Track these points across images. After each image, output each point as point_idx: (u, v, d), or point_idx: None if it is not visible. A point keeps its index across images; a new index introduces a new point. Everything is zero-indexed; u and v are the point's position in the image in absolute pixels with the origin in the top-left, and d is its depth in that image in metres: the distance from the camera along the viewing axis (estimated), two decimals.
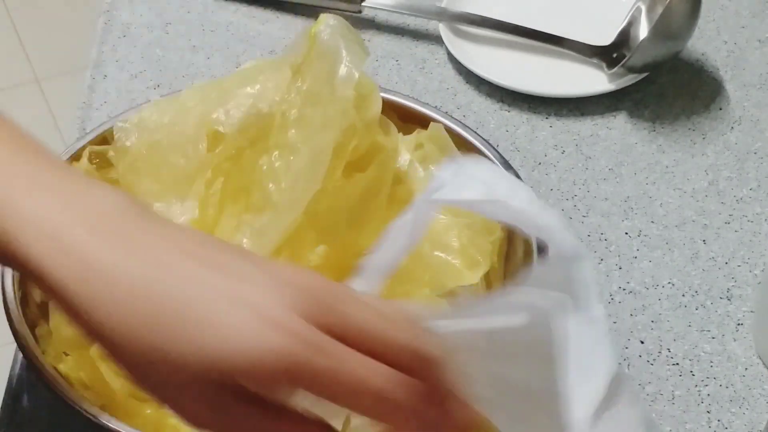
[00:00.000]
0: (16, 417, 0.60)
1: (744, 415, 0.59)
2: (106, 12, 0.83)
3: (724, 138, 0.73)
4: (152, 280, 0.39)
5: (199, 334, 0.38)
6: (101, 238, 0.40)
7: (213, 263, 0.40)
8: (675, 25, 0.73)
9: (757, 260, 0.66)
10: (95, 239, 0.40)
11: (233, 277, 0.39)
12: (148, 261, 0.40)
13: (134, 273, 0.39)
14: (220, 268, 0.40)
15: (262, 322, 0.38)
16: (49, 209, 0.41)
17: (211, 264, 0.40)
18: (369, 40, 0.80)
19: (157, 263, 0.40)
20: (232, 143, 0.62)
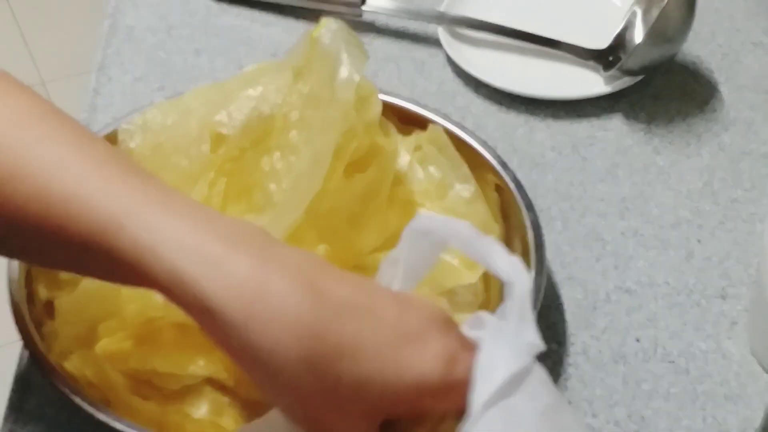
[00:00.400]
0: (22, 414, 0.60)
1: (739, 413, 0.59)
2: (111, 15, 0.84)
3: (719, 139, 0.73)
4: (325, 317, 0.39)
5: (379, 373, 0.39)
6: (267, 266, 0.40)
7: (367, 292, 0.41)
8: (670, 29, 0.74)
9: (751, 260, 0.66)
10: (258, 264, 0.40)
11: (393, 310, 0.41)
12: (319, 296, 0.40)
13: (305, 305, 0.39)
14: (374, 297, 0.41)
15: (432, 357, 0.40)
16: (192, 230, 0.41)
17: (366, 293, 0.41)
18: (369, 44, 0.80)
19: (329, 300, 0.40)
20: (235, 145, 0.62)
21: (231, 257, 0.40)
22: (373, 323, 0.40)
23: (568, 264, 0.66)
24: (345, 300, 0.40)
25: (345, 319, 0.39)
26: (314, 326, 0.39)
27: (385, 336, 0.39)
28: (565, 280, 0.65)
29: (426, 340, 0.40)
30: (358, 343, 0.39)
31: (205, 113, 0.64)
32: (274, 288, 0.39)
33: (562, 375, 0.60)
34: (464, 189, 0.64)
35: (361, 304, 0.40)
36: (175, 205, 0.42)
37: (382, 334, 0.39)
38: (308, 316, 0.39)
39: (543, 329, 0.62)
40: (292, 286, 0.39)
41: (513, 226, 0.63)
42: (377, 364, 0.39)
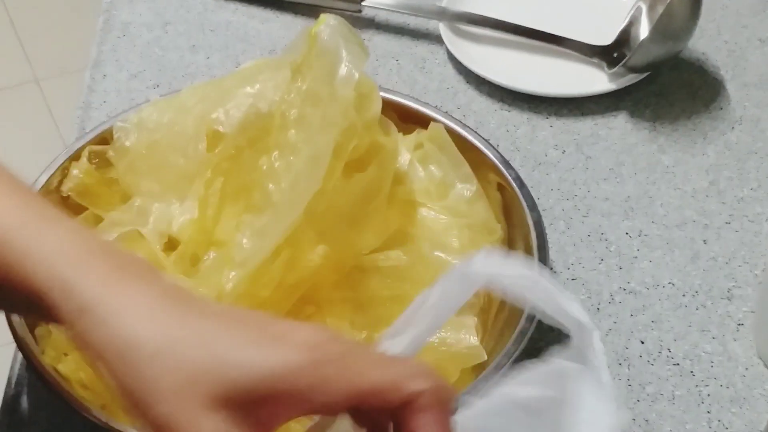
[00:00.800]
0: (16, 417, 0.59)
1: (744, 415, 0.58)
2: (106, 12, 0.83)
3: (725, 138, 0.73)
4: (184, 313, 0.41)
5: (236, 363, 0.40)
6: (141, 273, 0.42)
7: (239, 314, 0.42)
8: (676, 25, 0.73)
9: (758, 260, 0.66)
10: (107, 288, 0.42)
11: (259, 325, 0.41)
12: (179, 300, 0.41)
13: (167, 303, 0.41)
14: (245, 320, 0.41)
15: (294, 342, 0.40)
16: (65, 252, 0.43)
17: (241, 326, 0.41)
18: (369, 40, 0.80)
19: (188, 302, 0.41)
20: (232, 143, 0.62)
21: (109, 268, 0.42)
22: (236, 324, 0.41)
23: (571, 264, 0.66)
24: (214, 308, 0.42)
25: (210, 317, 0.41)
26: (176, 323, 0.41)
27: (248, 333, 0.40)
28: (568, 281, 0.65)
29: (291, 335, 0.40)
30: (219, 336, 0.40)
31: (201, 111, 0.64)
32: (146, 293, 0.42)
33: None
34: (466, 188, 0.64)
35: (228, 313, 0.42)
36: (66, 223, 0.45)
37: (245, 332, 0.40)
38: (173, 315, 0.41)
39: (546, 331, 0.62)
40: (163, 293, 0.42)
41: (515, 226, 0.63)
42: (237, 354, 0.40)
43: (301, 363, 0.39)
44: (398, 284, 0.60)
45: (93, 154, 0.65)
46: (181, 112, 0.64)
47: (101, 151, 0.65)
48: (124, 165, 0.64)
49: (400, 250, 0.61)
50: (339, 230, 0.59)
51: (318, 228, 0.58)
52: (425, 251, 0.62)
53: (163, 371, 0.40)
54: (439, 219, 0.64)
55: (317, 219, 0.57)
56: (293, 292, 0.58)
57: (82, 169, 0.64)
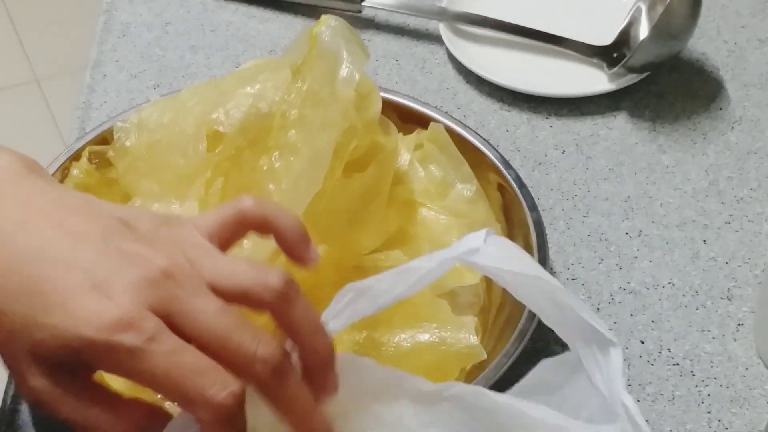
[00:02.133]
0: (16, 417, 0.59)
1: (744, 416, 0.58)
2: (106, 12, 0.83)
3: (725, 138, 0.73)
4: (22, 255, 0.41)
5: (53, 315, 0.40)
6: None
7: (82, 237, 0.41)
8: (675, 25, 0.73)
9: (758, 260, 0.66)
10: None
11: (97, 262, 0.41)
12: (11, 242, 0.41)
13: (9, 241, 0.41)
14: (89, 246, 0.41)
15: (99, 316, 0.40)
16: None
17: (80, 238, 0.41)
18: (369, 40, 0.80)
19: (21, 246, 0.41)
20: (232, 143, 0.62)
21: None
22: (54, 274, 0.41)
23: (571, 264, 0.66)
24: (37, 247, 0.41)
25: (32, 266, 0.41)
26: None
27: (63, 285, 0.40)
28: (568, 281, 0.65)
29: (108, 294, 0.40)
30: (36, 289, 0.40)
31: (201, 111, 0.64)
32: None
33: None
34: (466, 188, 0.64)
35: (55, 252, 0.41)
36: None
37: (57, 284, 0.40)
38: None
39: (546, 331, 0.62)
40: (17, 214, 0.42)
41: (515, 226, 0.63)
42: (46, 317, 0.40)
43: (95, 343, 0.40)
44: None
45: (93, 154, 0.65)
46: (182, 112, 0.64)
47: (101, 151, 0.65)
48: (125, 165, 0.64)
49: (400, 250, 0.61)
50: (339, 230, 0.59)
51: (318, 228, 0.58)
52: (425, 251, 0.62)
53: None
54: (439, 219, 0.64)
55: (317, 219, 0.57)
56: None
57: (82, 169, 0.64)
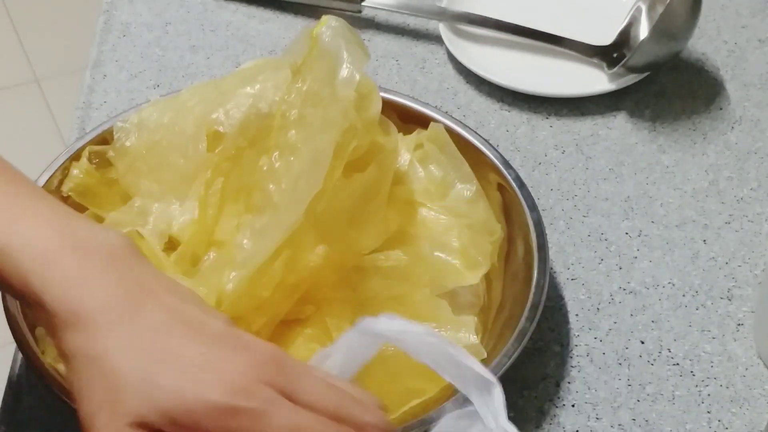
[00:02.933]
0: (16, 417, 0.59)
1: (744, 416, 0.58)
2: (106, 12, 0.83)
3: (725, 138, 0.73)
4: (136, 332, 0.42)
5: (175, 378, 0.41)
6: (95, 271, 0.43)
7: (191, 322, 0.43)
8: (675, 25, 0.73)
9: (758, 260, 0.66)
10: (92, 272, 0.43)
11: (208, 344, 0.42)
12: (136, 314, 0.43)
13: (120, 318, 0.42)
14: (198, 331, 0.43)
15: (222, 382, 0.41)
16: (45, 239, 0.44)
17: (189, 323, 0.43)
18: (369, 40, 0.80)
19: (145, 318, 0.43)
20: (232, 143, 0.62)
21: (74, 266, 0.44)
22: (177, 347, 0.42)
23: (571, 264, 0.66)
24: (160, 321, 0.43)
25: (150, 337, 0.42)
26: (120, 333, 0.42)
27: (181, 361, 0.42)
28: (568, 281, 0.65)
29: (221, 371, 0.42)
30: (151, 361, 0.42)
31: (201, 111, 0.64)
32: (105, 297, 0.43)
33: (565, 378, 0.60)
34: (466, 188, 0.64)
35: (173, 329, 0.43)
36: (41, 211, 0.46)
37: (178, 359, 0.42)
38: (118, 326, 0.42)
39: (546, 331, 0.62)
40: (123, 298, 0.43)
41: (515, 226, 0.63)
42: (155, 386, 0.41)
43: (218, 406, 0.41)
44: (398, 284, 0.60)
45: (93, 154, 0.65)
46: (182, 112, 0.64)
47: (101, 151, 0.65)
48: (125, 165, 0.64)
49: (400, 250, 0.61)
50: (339, 230, 0.59)
51: (318, 228, 0.58)
52: (425, 251, 0.62)
53: (93, 379, 0.42)
54: (439, 219, 0.64)
55: (317, 219, 0.57)
56: (293, 292, 0.58)
57: (82, 169, 0.64)
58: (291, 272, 0.57)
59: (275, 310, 0.58)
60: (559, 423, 0.58)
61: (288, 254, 0.57)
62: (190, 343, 0.42)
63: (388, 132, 0.64)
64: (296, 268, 0.58)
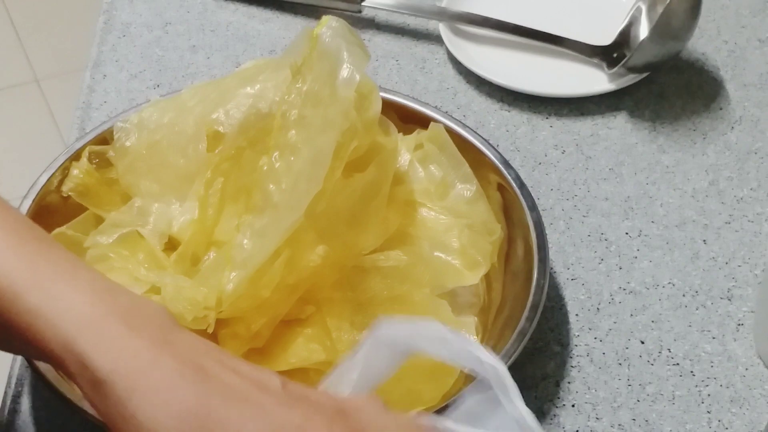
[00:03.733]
0: (16, 417, 0.59)
1: (744, 416, 0.58)
2: (106, 12, 0.83)
3: (725, 138, 0.73)
4: (208, 401, 0.41)
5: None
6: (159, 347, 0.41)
7: (258, 384, 0.42)
8: (675, 25, 0.73)
9: (758, 260, 0.66)
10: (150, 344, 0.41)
11: (282, 405, 0.42)
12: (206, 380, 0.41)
13: (190, 388, 0.41)
14: (266, 392, 0.42)
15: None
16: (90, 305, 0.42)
17: (256, 386, 0.42)
18: (369, 40, 0.80)
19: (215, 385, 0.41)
20: (232, 143, 0.62)
21: (124, 334, 0.42)
22: (256, 414, 0.41)
23: (571, 264, 0.66)
24: (232, 388, 0.42)
25: (229, 406, 0.41)
26: (196, 408, 0.41)
27: (263, 429, 0.41)
28: (568, 281, 0.65)
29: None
30: (236, 425, 0.41)
31: (202, 111, 0.64)
32: (163, 366, 0.41)
33: (565, 378, 0.60)
34: (466, 188, 0.64)
35: (247, 394, 0.42)
36: (80, 277, 0.44)
37: (259, 427, 0.41)
38: (192, 398, 0.41)
39: (546, 331, 0.62)
40: (181, 367, 0.41)
41: (515, 226, 0.63)
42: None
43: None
44: (398, 284, 0.60)
45: (93, 154, 0.65)
46: (182, 112, 0.64)
47: (101, 151, 0.65)
48: (125, 165, 0.64)
49: (400, 250, 0.61)
50: (339, 230, 0.59)
51: (318, 228, 0.58)
52: (425, 251, 0.62)
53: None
54: (439, 219, 0.64)
55: (317, 219, 0.57)
56: (293, 293, 0.58)
57: (82, 169, 0.64)
58: (291, 272, 0.57)
59: (275, 310, 0.58)
60: (559, 423, 0.58)
61: (288, 254, 0.57)
62: (265, 408, 0.41)
63: (388, 132, 0.64)
64: (296, 268, 0.58)
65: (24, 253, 0.44)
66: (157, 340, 0.42)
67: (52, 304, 0.42)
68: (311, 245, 0.58)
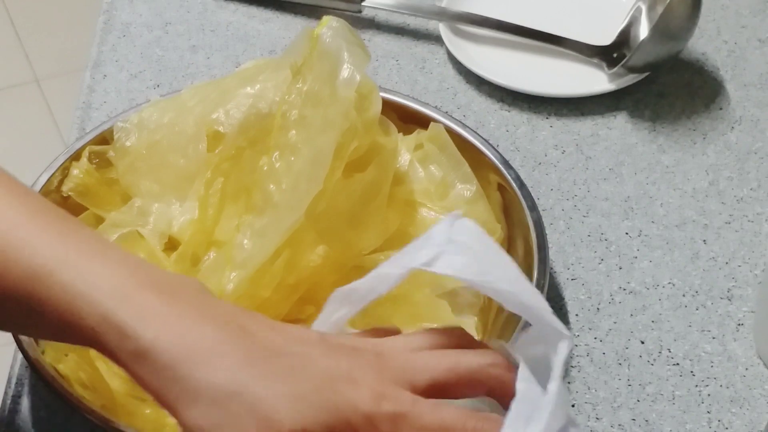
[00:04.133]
0: (16, 417, 0.59)
1: (744, 416, 0.58)
2: (106, 12, 0.83)
3: (725, 138, 0.73)
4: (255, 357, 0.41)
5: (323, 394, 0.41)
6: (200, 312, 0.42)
7: (299, 338, 0.42)
8: (675, 25, 0.73)
9: (758, 260, 0.66)
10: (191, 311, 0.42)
11: (326, 356, 0.42)
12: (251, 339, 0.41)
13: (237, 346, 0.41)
14: (309, 344, 0.42)
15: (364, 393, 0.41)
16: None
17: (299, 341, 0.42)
18: (369, 40, 0.80)
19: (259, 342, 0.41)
20: (232, 143, 0.62)
21: (164, 302, 0.42)
22: (303, 365, 0.41)
23: (571, 264, 0.66)
24: (275, 344, 0.42)
25: (275, 360, 0.41)
26: (244, 366, 0.41)
27: (315, 377, 0.41)
28: (568, 281, 0.65)
29: (356, 380, 0.41)
30: (289, 382, 0.41)
31: (202, 111, 0.64)
32: (205, 330, 0.41)
33: (565, 378, 0.60)
34: (466, 188, 0.64)
35: (290, 349, 0.42)
36: (111, 254, 0.44)
37: (312, 376, 0.41)
38: (239, 357, 0.41)
39: None
40: (224, 329, 0.41)
41: (515, 226, 0.63)
42: (305, 402, 0.41)
43: (369, 416, 0.41)
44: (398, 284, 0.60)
45: (93, 154, 0.65)
46: (182, 112, 0.64)
47: (102, 151, 0.65)
48: (125, 165, 0.64)
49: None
50: (339, 230, 0.59)
51: (318, 228, 0.58)
52: None
53: (239, 414, 0.40)
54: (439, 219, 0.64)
55: (317, 219, 0.57)
56: (293, 293, 0.58)
57: (82, 169, 0.64)
58: (291, 272, 0.57)
59: (275, 310, 0.58)
60: None
61: (288, 254, 0.57)
62: (311, 358, 0.42)
63: (388, 132, 0.64)
64: (296, 268, 0.58)
65: (53, 233, 0.44)
66: (196, 306, 0.42)
67: (88, 279, 0.42)
68: (311, 245, 0.58)
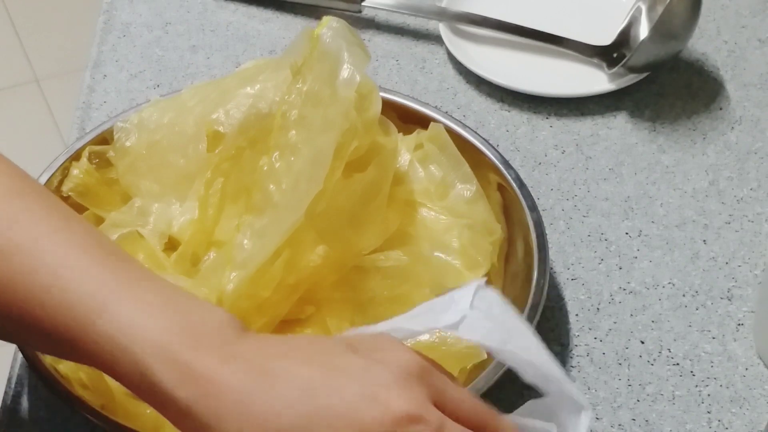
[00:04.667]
0: (16, 417, 0.59)
1: (744, 416, 0.58)
2: (106, 12, 0.83)
3: (725, 138, 0.73)
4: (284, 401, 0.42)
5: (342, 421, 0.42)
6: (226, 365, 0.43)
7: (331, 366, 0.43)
8: (675, 25, 0.73)
9: (758, 260, 0.66)
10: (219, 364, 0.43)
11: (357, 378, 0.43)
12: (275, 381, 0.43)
13: (262, 395, 0.42)
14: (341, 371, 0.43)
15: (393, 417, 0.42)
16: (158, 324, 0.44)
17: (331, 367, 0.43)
18: (369, 40, 0.80)
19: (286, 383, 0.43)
20: (232, 143, 0.62)
21: (196, 359, 0.43)
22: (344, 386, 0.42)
23: (571, 264, 0.66)
24: (303, 381, 0.43)
25: (307, 398, 0.42)
26: (270, 411, 0.42)
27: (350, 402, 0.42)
28: (568, 281, 0.65)
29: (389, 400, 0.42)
30: (326, 415, 0.42)
31: (202, 111, 0.64)
32: (236, 384, 0.43)
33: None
34: (466, 188, 0.64)
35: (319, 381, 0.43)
36: (148, 296, 0.45)
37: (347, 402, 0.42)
38: (265, 405, 0.42)
39: (546, 331, 0.62)
40: (249, 377, 0.43)
41: (515, 226, 0.63)
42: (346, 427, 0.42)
43: None
44: (398, 284, 0.60)
45: (93, 154, 0.65)
46: (182, 112, 0.64)
47: (102, 151, 0.65)
48: (125, 165, 0.64)
49: (400, 250, 0.61)
50: (339, 230, 0.59)
51: (318, 228, 0.58)
52: (425, 251, 0.62)
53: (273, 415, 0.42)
54: (439, 219, 0.64)
55: (317, 219, 0.57)
56: (293, 293, 0.58)
57: (82, 169, 0.64)
58: (291, 272, 0.57)
59: (275, 310, 0.58)
60: None
61: (288, 254, 0.57)
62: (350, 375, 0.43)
63: (388, 132, 0.64)
64: (296, 268, 0.58)
65: (95, 275, 0.45)
66: (226, 356, 0.43)
67: (126, 332, 0.44)
68: (311, 245, 0.58)
